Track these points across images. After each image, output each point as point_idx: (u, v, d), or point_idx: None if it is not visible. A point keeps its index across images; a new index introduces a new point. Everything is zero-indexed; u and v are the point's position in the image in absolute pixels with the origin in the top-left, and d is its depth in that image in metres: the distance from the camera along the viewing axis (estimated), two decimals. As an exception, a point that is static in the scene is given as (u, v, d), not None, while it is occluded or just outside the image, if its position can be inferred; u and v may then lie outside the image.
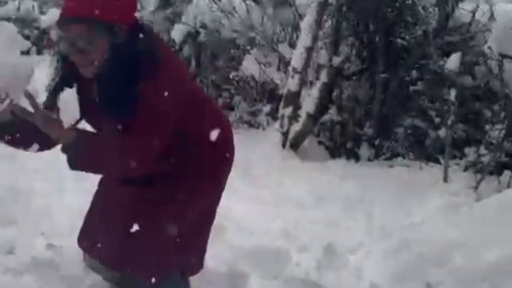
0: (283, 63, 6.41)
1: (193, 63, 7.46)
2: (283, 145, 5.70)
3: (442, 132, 5.36)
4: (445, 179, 4.75)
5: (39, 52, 10.28)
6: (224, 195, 4.35)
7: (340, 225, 3.81)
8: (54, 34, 2.27)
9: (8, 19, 10.37)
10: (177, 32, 7.49)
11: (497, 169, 4.75)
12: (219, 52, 7.39)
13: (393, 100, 5.95)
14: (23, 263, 2.87)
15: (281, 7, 6.62)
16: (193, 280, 2.96)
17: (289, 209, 4.08)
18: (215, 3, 6.98)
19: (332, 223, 3.83)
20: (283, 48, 6.36)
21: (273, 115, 6.39)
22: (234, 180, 4.53)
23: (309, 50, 5.72)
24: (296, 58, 5.74)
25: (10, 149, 2.37)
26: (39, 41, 10.43)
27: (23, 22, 10.57)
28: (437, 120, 5.67)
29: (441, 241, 3.04)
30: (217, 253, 3.29)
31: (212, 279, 3.03)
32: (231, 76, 7.00)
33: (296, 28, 6.46)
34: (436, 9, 5.80)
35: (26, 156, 4.19)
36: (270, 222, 3.77)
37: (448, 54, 5.28)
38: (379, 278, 2.86)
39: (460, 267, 2.87)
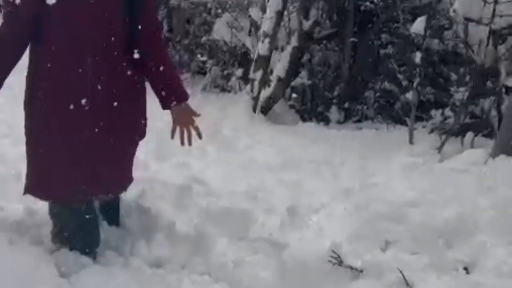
0: (255, 27, 6.41)
1: (165, 27, 7.42)
2: (254, 109, 5.75)
3: (409, 95, 5.42)
4: (411, 140, 4.84)
5: None
6: (194, 159, 4.45)
7: (306, 187, 3.87)
8: None
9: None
10: (149, -3, 7.39)
11: (461, 131, 4.84)
12: (191, 16, 7.36)
13: (363, 63, 6.02)
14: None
15: (252, -30, 6.59)
16: (163, 242, 3.06)
17: (257, 171, 4.14)
18: (186, -34, 6.94)
19: (298, 185, 3.90)
20: (254, 12, 6.35)
21: (245, 79, 6.42)
22: (204, 144, 4.65)
23: (279, 14, 5.74)
24: (266, 22, 5.76)
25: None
26: None
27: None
28: (405, 83, 5.75)
29: (400, 200, 3.14)
30: (185, 216, 3.37)
31: (180, 241, 3.11)
32: (202, 41, 7.00)
33: (268, -8, 6.43)
34: (404, -28, 5.83)
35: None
36: (237, 184, 3.84)
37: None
38: (339, 236, 2.95)
39: (417, 225, 2.97)
